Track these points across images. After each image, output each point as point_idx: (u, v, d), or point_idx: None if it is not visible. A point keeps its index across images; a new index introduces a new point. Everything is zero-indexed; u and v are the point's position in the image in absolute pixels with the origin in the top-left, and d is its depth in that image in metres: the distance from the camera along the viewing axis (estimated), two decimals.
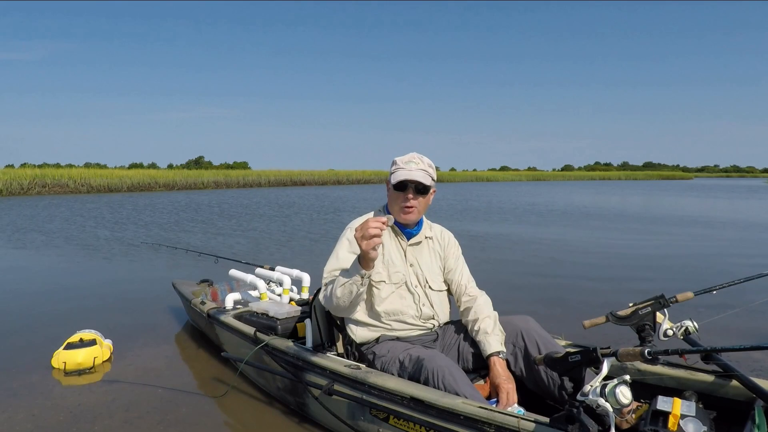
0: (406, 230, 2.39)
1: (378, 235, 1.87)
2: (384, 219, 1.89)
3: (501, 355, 2.19)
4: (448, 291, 2.49)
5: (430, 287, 2.38)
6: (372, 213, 2.41)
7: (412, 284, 2.35)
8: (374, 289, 2.30)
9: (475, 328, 2.29)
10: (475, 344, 2.30)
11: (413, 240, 2.40)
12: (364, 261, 1.96)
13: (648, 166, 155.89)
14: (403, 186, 2.25)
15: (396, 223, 2.35)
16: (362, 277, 2.00)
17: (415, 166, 2.26)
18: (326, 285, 2.25)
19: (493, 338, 2.23)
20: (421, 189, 2.26)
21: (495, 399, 2.08)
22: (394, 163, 2.32)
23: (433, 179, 2.31)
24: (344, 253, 2.29)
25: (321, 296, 2.28)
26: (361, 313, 2.34)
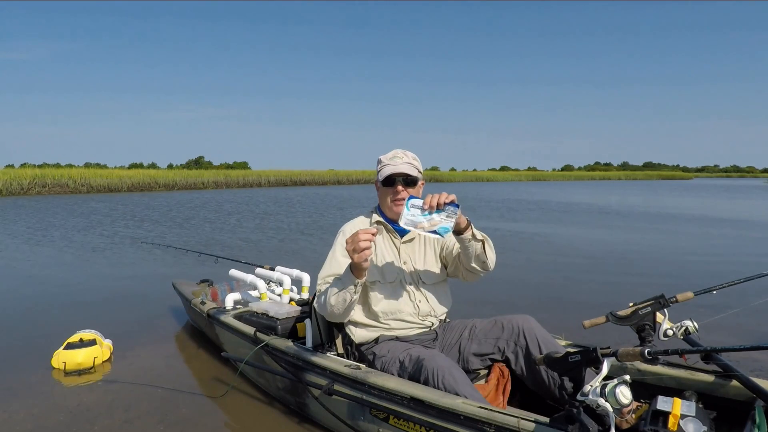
0: (399, 228, 2.38)
1: (368, 248, 1.92)
2: (373, 230, 1.95)
3: (472, 224, 2.10)
4: (448, 276, 2.46)
5: (424, 282, 2.39)
6: (362, 217, 2.46)
7: (407, 282, 2.36)
8: (369, 290, 2.31)
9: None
10: (475, 344, 2.30)
11: (406, 237, 2.41)
12: (356, 271, 2.02)
13: (648, 166, 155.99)
14: (391, 181, 2.28)
15: (388, 220, 2.37)
16: (355, 286, 2.06)
17: (400, 161, 2.30)
18: (320, 293, 2.26)
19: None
20: (408, 181, 2.29)
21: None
22: (379, 161, 2.36)
23: (419, 171, 2.34)
24: (339, 258, 2.31)
25: (315, 304, 2.31)
26: (359, 314, 2.35)
